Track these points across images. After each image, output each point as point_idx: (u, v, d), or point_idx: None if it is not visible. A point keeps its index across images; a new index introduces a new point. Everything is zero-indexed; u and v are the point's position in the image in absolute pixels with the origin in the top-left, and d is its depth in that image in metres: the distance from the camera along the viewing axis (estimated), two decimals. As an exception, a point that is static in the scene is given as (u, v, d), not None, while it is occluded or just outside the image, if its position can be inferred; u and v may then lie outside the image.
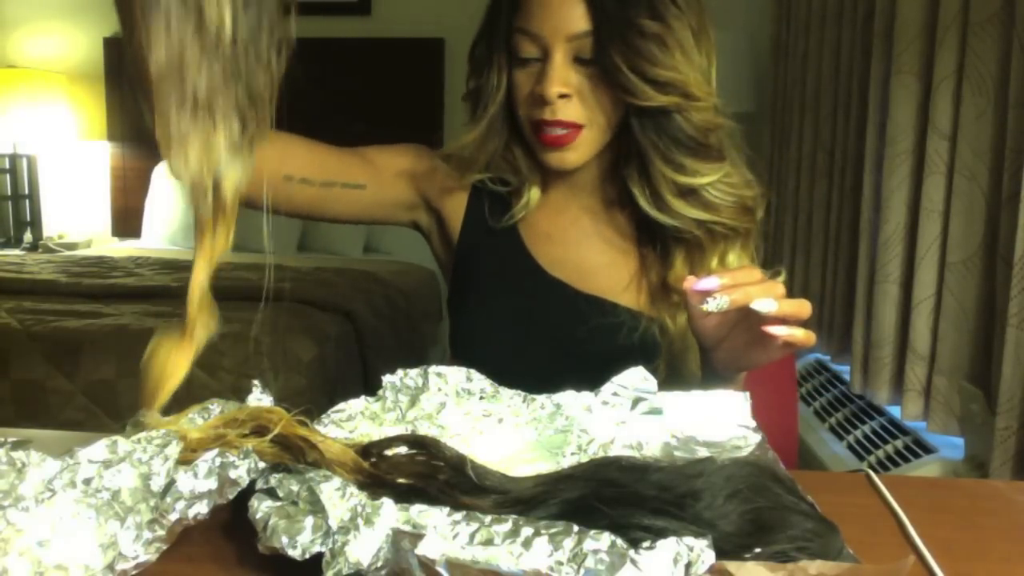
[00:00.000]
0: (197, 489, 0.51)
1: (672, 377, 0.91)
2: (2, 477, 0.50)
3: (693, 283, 0.70)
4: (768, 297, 0.68)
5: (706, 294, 0.69)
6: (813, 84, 2.33)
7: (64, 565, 0.46)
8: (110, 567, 0.47)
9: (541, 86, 0.83)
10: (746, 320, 0.73)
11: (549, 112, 0.84)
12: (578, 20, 0.82)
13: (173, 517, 0.50)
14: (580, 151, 0.87)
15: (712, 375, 0.83)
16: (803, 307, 0.70)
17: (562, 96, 0.84)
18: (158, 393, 0.59)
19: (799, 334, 0.70)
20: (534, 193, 0.95)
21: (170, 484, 0.51)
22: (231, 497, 0.54)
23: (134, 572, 0.49)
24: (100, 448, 0.52)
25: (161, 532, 0.50)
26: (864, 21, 1.96)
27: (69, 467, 0.50)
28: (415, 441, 0.59)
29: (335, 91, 3.42)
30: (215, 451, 0.53)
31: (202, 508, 0.52)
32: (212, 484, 0.52)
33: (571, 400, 0.69)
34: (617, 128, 0.88)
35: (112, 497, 0.50)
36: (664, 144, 0.85)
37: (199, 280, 0.59)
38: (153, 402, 0.59)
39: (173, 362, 0.59)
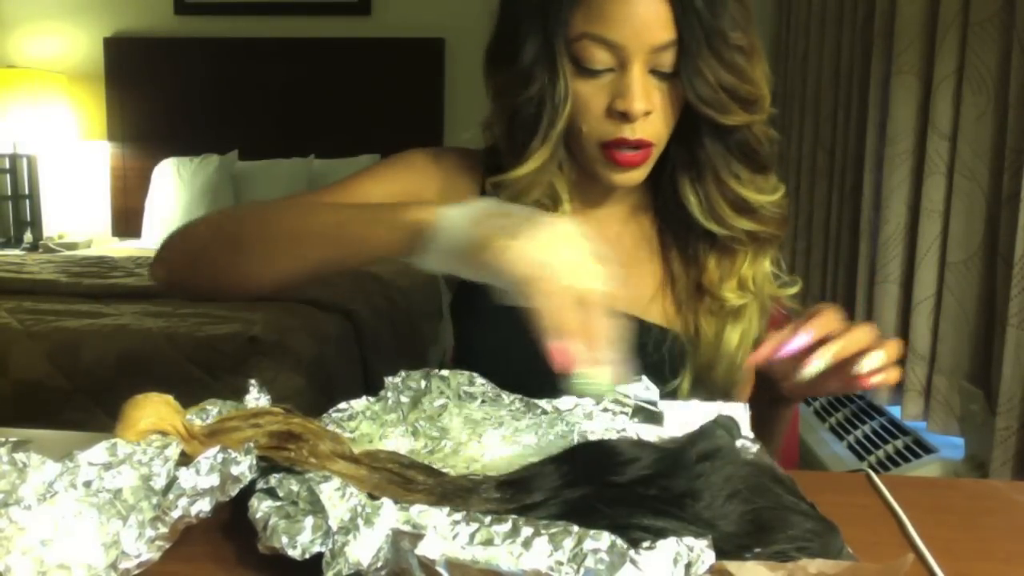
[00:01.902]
0: (199, 486, 0.51)
1: (697, 386, 0.87)
2: (4, 477, 0.50)
3: (772, 352, 0.69)
4: (862, 346, 0.68)
5: (799, 357, 0.68)
6: (813, 84, 2.33)
7: (67, 564, 0.46)
8: (113, 566, 0.47)
9: (625, 101, 0.74)
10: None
11: (629, 131, 0.76)
12: (663, 29, 0.73)
13: (176, 514, 0.50)
14: (645, 169, 0.81)
15: (772, 401, 0.80)
16: (899, 350, 0.70)
17: (645, 113, 0.76)
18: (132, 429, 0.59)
19: (894, 377, 0.70)
20: (566, 208, 0.85)
21: (172, 481, 0.51)
22: (233, 494, 0.54)
23: (137, 571, 0.49)
24: (99, 451, 0.52)
25: (164, 530, 0.50)
26: (864, 21, 1.96)
27: (69, 470, 0.50)
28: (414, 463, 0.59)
29: (335, 91, 3.43)
30: (216, 448, 0.53)
31: (205, 506, 0.52)
32: (214, 480, 0.52)
33: (571, 406, 0.69)
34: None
35: (114, 496, 0.50)
36: (731, 158, 0.80)
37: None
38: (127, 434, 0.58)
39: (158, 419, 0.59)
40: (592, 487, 0.53)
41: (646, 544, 0.43)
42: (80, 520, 0.48)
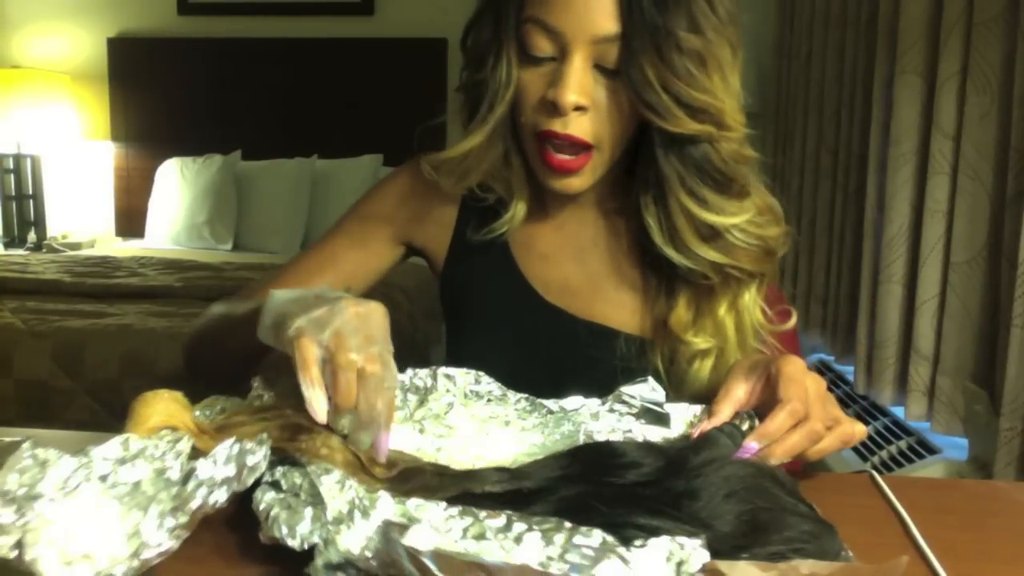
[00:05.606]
0: (217, 476, 0.52)
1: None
2: (27, 472, 0.50)
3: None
4: (811, 438, 0.63)
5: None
6: (817, 84, 2.33)
7: (91, 554, 0.47)
8: (135, 555, 0.48)
9: (555, 91, 0.71)
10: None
11: (560, 124, 0.73)
12: (607, 20, 0.70)
13: (195, 504, 0.51)
14: (586, 177, 0.77)
15: None
16: (854, 436, 0.66)
17: (578, 108, 0.72)
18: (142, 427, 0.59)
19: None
20: (520, 208, 0.84)
21: (190, 472, 0.51)
22: (249, 483, 0.54)
23: (157, 560, 0.50)
24: (114, 446, 0.52)
25: (184, 519, 0.50)
26: (868, 21, 1.96)
27: (84, 465, 0.51)
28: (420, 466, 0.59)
29: (339, 91, 3.43)
30: (231, 439, 0.53)
31: (222, 495, 0.52)
32: (231, 471, 0.52)
33: (578, 406, 0.69)
34: (629, 147, 0.78)
35: (134, 487, 0.50)
36: (690, 176, 0.74)
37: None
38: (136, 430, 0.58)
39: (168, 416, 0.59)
40: (590, 485, 0.53)
41: (638, 542, 0.43)
42: (102, 511, 0.49)
